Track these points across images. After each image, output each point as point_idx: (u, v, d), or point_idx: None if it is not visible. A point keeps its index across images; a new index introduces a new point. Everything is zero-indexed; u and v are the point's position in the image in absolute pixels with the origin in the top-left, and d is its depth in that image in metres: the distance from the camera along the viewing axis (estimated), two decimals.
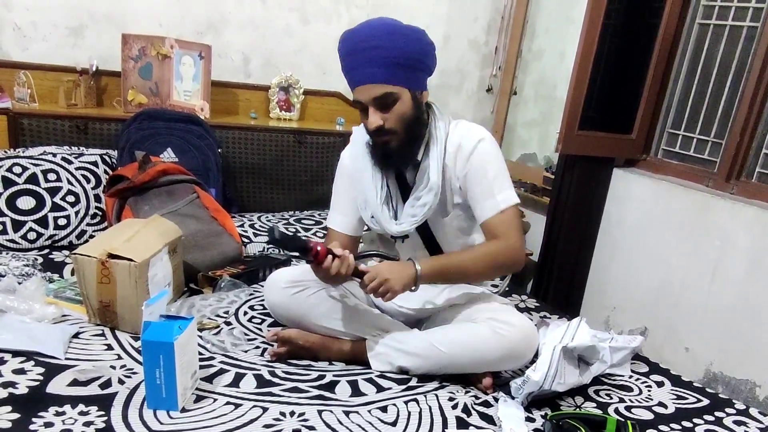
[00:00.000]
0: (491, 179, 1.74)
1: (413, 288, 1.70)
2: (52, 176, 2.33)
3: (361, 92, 1.65)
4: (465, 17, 3.62)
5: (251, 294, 2.13)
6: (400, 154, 1.74)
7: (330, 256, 1.60)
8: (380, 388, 1.66)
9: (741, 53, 2.68)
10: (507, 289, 2.40)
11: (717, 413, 1.75)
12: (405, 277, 1.66)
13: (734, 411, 1.78)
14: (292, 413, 1.50)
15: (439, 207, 1.79)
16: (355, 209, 1.88)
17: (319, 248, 1.58)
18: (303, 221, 2.80)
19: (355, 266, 1.64)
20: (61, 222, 2.29)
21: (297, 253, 1.62)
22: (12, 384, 1.45)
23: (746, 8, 2.65)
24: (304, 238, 1.61)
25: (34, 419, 1.34)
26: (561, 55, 3.59)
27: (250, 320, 1.97)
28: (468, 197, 1.79)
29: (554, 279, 3.17)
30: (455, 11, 3.57)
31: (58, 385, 1.47)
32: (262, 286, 2.03)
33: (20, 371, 1.51)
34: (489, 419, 1.59)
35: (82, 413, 1.38)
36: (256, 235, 2.57)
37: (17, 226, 2.22)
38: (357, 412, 1.54)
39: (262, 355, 1.77)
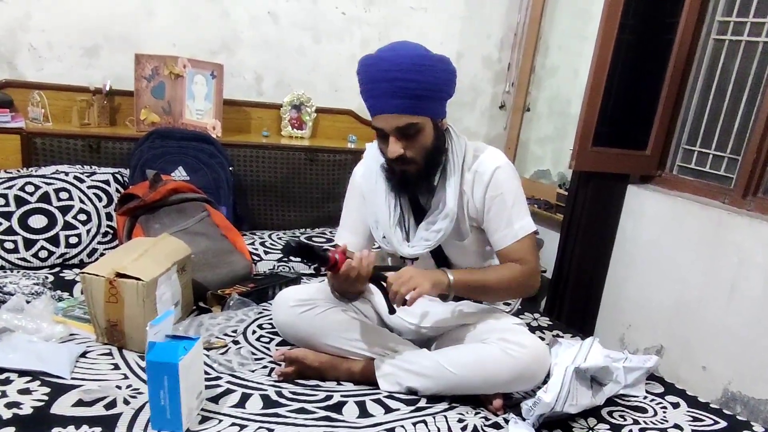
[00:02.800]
0: (509, 208, 1.75)
1: (442, 295, 1.71)
2: (64, 195, 2.34)
3: (383, 121, 1.63)
4: (478, 34, 3.61)
5: (260, 312, 2.12)
6: (417, 181, 1.74)
7: (348, 261, 1.59)
8: (388, 409, 1.64)
9: (757, 68, 2.64)
10: (519, 307, 2.37)
11: None
12: (434, 279, 1.66)
13: None
14: None
15: (454, 231, 1.78)
16: (365, 228, 1.87)
17: (337, 256, 1.57)
18: (314, 239, 2.79)
19: (375, 273, 1.63)
20: (73, 240, 2.30)
21: (316, 264, 1.61)
22: (17, 404, 1.44)
23: (762, 24, 2.62)
24: (320, 248, 1.59)
25: None
26: (575, 72, 3.57)
27: (258, 339, 1.96)
28: (484, 223, 1.79)
29: (568, 296, 3.13)
30: (468, 28, 3.57)
31: (62, 406, 1.46)
32: (271, 305, 2.02)
33: (25, 391, 1.50)
34: None
35: None
36: (266, 253, 2.56)
37: (29, 244, 2.23)
38: None
39: (269, 374, 1.75)
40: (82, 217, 2.35)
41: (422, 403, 1.69)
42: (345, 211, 1.94)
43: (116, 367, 1.69)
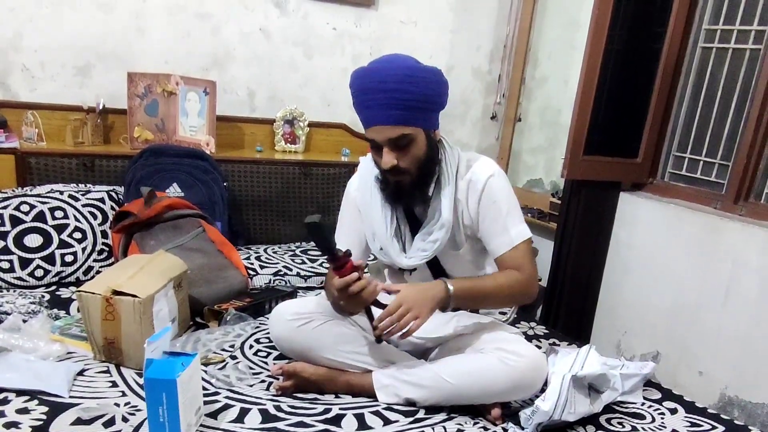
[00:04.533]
0: (504, 215, 1.75)
1: (442, 309, 1.70)
2: (59, 213, 2.34)
3: (376, 132, 1.64)
4: (468, 47, 3.65)
5: (257, 327, 2.12)
6: (411, 192, 1.74)
7: (355, 273, 1.58)
8: (387, 421, 1.64)
9: (745, 75, 2.68)
10: (515, 316, 2.38)
11: None
12: (433, 302, 1.65)
13: None
14: None
15: (450, 241, 1.78)
16: (360, 241, 1.88)
17: (348, 260, 1.57)
18: (309, 252, 2.79)
19: (372, 303, 1.64)
20: (68, 259, 2.30)
21: (324, 253, 1.61)
22: (15, 424, 1.44)
23: (748, 31, 2.66)
24: (335, 243, 1.60)
25: None
26: (565, 82, 3.60)
27: (255, 353, 1.96)
28: (480, 232, 1.80)
29: (564, 304, 3.14)
30: (458, 41, 3.60)
31: (61, 424, 1.46)
32: (268, 319, 2.02)
33: (24, 410, 1.50)
34: None
35: None
36: (262, 267, 2.56)
37: (24, 263, 2.23)
38: None
39: (267, 389, 1.75)
40: (78, 235, 2.35)
41: (421, 414, 1.69)
42: (340, 225, 1.95)
43: (114, 384, 1.68)
